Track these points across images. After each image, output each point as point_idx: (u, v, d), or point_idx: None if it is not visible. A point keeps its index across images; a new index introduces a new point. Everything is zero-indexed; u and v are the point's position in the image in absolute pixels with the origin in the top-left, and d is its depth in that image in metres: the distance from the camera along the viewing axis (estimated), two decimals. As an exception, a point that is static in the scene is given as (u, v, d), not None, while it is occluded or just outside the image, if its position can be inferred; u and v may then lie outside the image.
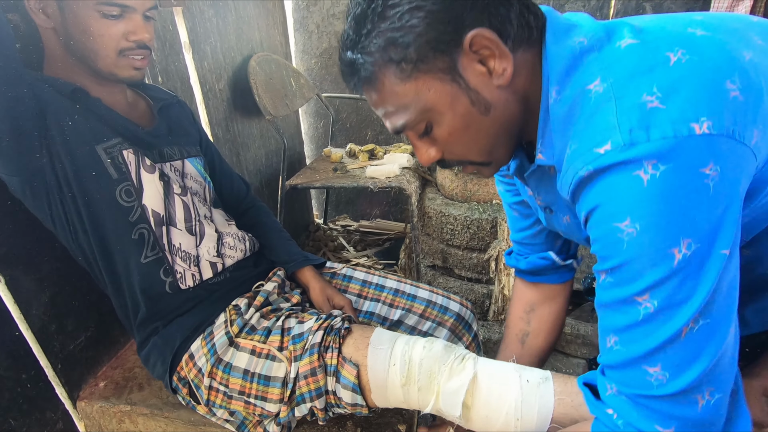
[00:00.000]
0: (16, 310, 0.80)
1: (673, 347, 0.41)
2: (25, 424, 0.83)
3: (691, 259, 0.40)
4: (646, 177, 0.40)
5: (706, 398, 0.42)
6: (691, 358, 0.41)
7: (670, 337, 0.41)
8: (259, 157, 1.82)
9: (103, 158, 0.75)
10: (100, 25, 0.71)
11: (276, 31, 1.98)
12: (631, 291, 0.43)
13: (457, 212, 1.60)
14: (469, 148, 0.54)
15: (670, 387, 0.42)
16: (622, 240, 0.42)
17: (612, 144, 0.41)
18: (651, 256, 0.41)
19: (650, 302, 0.42)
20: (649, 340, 0.42)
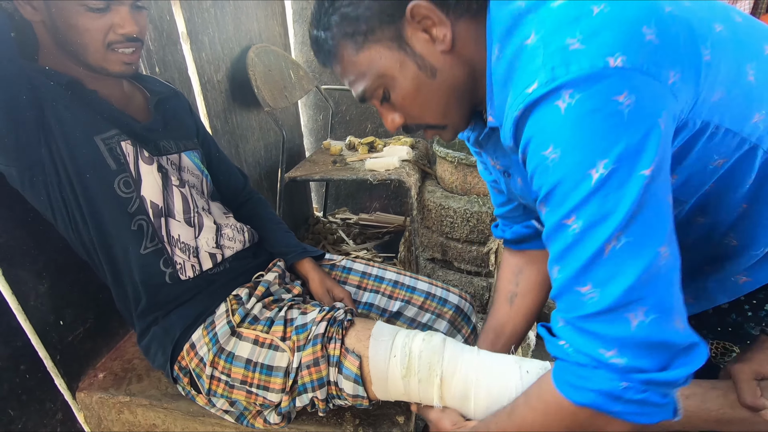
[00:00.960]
0: (14, 302, 0.79)
1: (598, 264, 0.43)
2: (24, 414, 0.83)
3: (608, 179, 0.42)
4: (563, 105, 0.43)
5: (639, 318, 0.42)
6: (616, 273, 0.42)
7: (594, 254, 0.43)
8: (258, 149, 1.81)
9: (102, 149, 0.74)
10: (86, 19, 0.69)
11: (275, 22, 1.96)
12: (560, 214, 0.45)
13: (456, 205, 1.60)
14: (424, 110, 0.59)
15: (599, 303, 0.43)
16: (548, 167, 0.45)
17: (538, 82, 0.44)
18: (572, 179, 0.43)
19: (576, 223, 0.44)
20: (578, 260, 0.44)
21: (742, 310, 0.64)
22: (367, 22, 0.53)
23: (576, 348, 0.47)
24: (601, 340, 0.44)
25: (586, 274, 0.44)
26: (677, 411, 0.45)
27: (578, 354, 0.46)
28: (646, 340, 0.42)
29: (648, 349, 0.43)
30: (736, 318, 0.65)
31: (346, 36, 0.55)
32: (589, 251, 0.43)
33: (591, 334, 0.45)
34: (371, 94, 0.59)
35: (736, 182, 0.53)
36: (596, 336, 0.44)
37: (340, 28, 0.55)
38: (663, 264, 0.43)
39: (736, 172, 0.52)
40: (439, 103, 0.59)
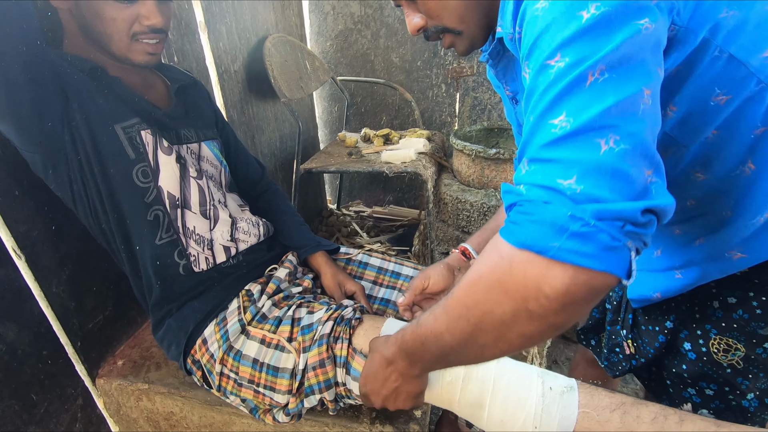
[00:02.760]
0: (36, 288, 0.81)
1: (577, 94, 0.39)
2: (46, 399, 0.84)
3: (600, 18, 0.39)
4: None
5: (610, 144, 0.38)
6: (594, 99, 0.38)
7: (574, 81, 0.39)
8: (274, 140, 1.81)
9: (122, 138, 0.74)
10: (113, 9, 0.70)
11: (291, 12, 1.95)
12: (543, 57, 0.41)
13: (473, 198, 1.57)
14: (441, 11, 0.59)
15: (570, 127, 0.39)
16: (537, 17, 0.42)
17: None
18: (560, 21, 0.41)
19: (561, 60, 0.40)
20: (555, 91, 0.40)
21: (750, 307, 0.60)
22: None
23: (531, 183, 0.41)
24: (563, 165, 0.39)
25: (562, 102, 0.40)
26: (630, 271, 0.38)
27: (532, 189, 0.41)
28: (610, 168, 0.37)
29: (610, 178, 0.37)
30: (742, 314, 0.61)
31: None
32: (568, 80, 0.39)
33: (553, 161, 0.40)
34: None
35: (740, 130, 0.48)
36: (558, 162, 0.39)
37: None
38: (644, 106, 0.39)
39: (741, 116, 0.47)
40: (457, 4, 0.58)
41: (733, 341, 0.62)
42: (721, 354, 0.64)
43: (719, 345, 0.64)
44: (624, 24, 0.39)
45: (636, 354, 0.77)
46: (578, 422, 0.59)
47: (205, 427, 0.92)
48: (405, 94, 2.11)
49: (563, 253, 0.37)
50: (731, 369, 0.64)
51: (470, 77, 2.12)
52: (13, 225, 0.76)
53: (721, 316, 0.62)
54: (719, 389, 0.67)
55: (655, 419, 0.58)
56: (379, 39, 2.15)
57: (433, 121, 2.29)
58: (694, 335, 0.65)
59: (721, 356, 0.64)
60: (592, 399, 0.61)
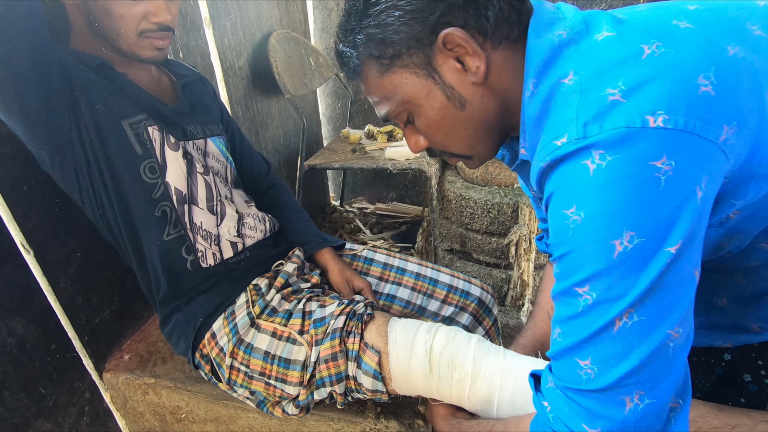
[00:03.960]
0: (45, 283, 0.81)
1: (604, 340, 0.41)
2: (54, 392, 0.85)
3: (632, 254, 0.39)
4: (592, 166, 0.39)
5: (635, 401, 0.40)
6: (621, 354, 0.40)
7: (601, 328, 0.41)
8: (278, 137, 1.81)
9: (129, 134, 0.75)
10: (120, 6, 0.70)
11: (295, 8, 1.94)
12: (573, 281, 0.43)
13: (477, 196, 1.57)
14: (449, 140, 0.57)
15: (597, 382, 0.41)
16: (568, 227, 0.42)
17: (568, 136, 0.41)
18: (592, 247, 0.40)
19: (589, 294, 0.41)
20: (583, 331, 0.42)
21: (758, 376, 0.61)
22: (394, 46, 0.50)
23: (558, 416, 0.45)
24: (589, 415, 0.42)
25: (589, 347, 0.42)
26: None
27: (558, 423, 0.45)
28: (633, 425, 0.41)
29: None
30: None
31: (371, 57, 0.52)
32: (596, 325, 0.41)
33: (580, 407, 0.43)
34: (395, 117, 0.57)
35: None
36: (585, 410, 0.43)
37: (366, 48, 0.52)
38: (672, 346, 0.40)
39: None
40: (466, 134, 0.55)
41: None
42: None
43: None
44: (656, 256, 0.39)
45: None
46: None
47: (211, 422, 0.93)
48: (409, 91, 2.10)
49: None
50: None
51: (474, 74, 2.12)
52: (22, 220, 0.77)
53: None
54: None
55: None
56: (383, 35, 2.15)
57: (436, 118, 2.28)
58: (754, 365, 0.63)
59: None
60: None
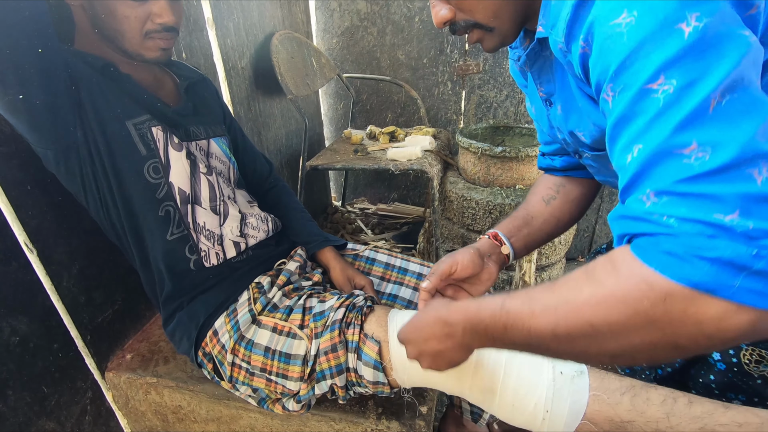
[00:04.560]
0: (47, 282, 0.81)
1: (703, 122, 0.35)
2: (56, 392, 0.85)
3: (704, 32, 0.35)
4: None
5: (764, 174, 0.34)
6: (728, 130, 0.34)
7: (696, 109, 0.35)
8: (280, 137, 1.81)
9: (133, 134, 0.75)
10: (126, 7, 0.70)
11: (298, 8, 1.95)
12: (642, 80, 0.37)
13: (479, 196, 1.57)
14: (474, 4, 0.55)
15: (715, 160, 0.34)
16: (621, 33, 0.37)
17: None
18: (656, 37, 0.36)
19: (668, 84, 0.36)
20: (675, 119, 0.36)
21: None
22: None
23: (680, 216, 0.36)
24: (719, 201, 0.34)
25: (689, 132, 0.35)
26: None
27: (685, 223, 0.35)
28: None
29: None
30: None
31: None
32: (688, 108, 0.35)
33: (702, 196, 0.35)
34: None
35: None
36: (710, 198, 0.35)
37: None
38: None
39: None
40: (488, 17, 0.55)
41: (767, 352, 0.61)
42: (753, 365, 0.63)
43: (751, 356, 0.62)
44: (732, 36, 0.35)
45: (662, 363, 0.76)
46: (589, 405, 0.60)
47: (213, 421, 0.93)
48: (411, 92, 2.11)
49: (743, 294, 0.34)
50: (762, 380, 0.63)
51: (476, 75, 2.12)
52: (26, 219, 0.77)
53: None
54: (748, 400, 0.66)
55: (665, 401, 0.58)
56: (385, 36, 2.15)
57: (438, 118, 2.28)
58: None
59: (752, 367, 0.63)
60: (603, 382, 0.62)
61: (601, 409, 0.60)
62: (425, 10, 2.05)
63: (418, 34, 2.10)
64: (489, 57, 2.06)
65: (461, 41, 2.07)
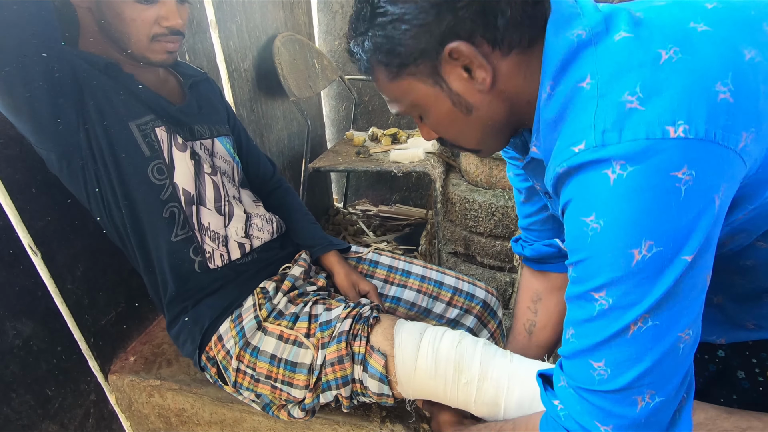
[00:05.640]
0: (51, 284, 0.81)
1: (618, 344, 0.43)
2: (60, 394, 0.85)
3: (650, 262, 0.40)
4: (613, 176, 0.40)
5: (646, 400, 0.42)
6: (635, 357, 0.42)
7: (617, 333, 0.42)
8: (282, 139, 1.81)
9: (136, 135, 0.75)
10: (133, 10, 0.70)
11: (300, 10, 1.95)
12: (590, 286, 0.44)
13: (481, 199, 1.57)
14: (458, 137, 0.59)
15: (610, 384, 0.43)
16: (587, 234, 0.43)
17: (586, 144, 0.42)
18: (611, 254, 0.41)
19: (605, 299, 0.43)
20: (598, 335, 0.44)
21: None
22: (401, 57, 0.51)
23: (570, 414, 0.47)
24: (602, 414, 0.44)
25: (603, 350, 0.43)
26: None
27: (570, 421, 0.46)
28: (645, 422, 0.43)
29: (640, 428, 0.43)
30: None
31: (380, 63, 0.53)
32: (611, 329, 0.42)
33: (593, 406, 0.45)
34: (406, 114, 0.59)
35: None
36: (598, 409, 0.44)
37: (374, 54, 0.53)
38: (682, 347, 0.42)
39: None
40: (475, 135, 0.57)
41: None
42: None
43: None
44: (673, 263, 0.40)
45: None
46: None
47: (216, 424, 0.93)
48: (413, 94, 2.10)
49: None
50: None
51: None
52: (30, 222, 0.77)
53: None
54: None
55: None
56: (387, 38, 2.15)
57: (440, 120, 2.29)
58: (748, 363, 0.64)
59: None
60: None
61: None
62: (427, 12, 2.05)
63: (420, 35, 2.10)
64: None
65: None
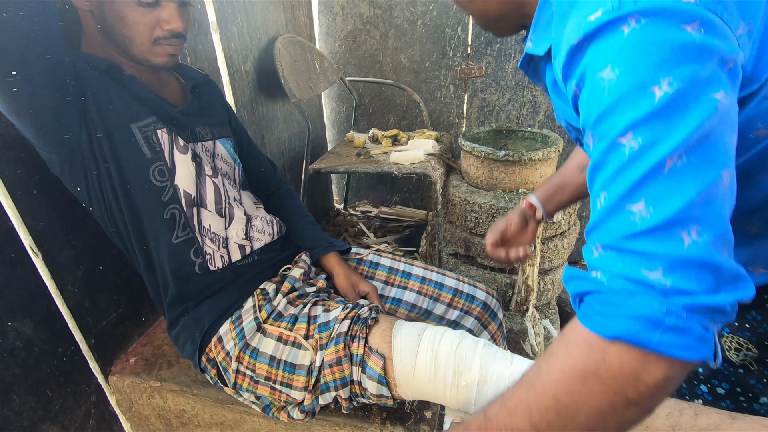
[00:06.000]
0: (53, 286, 0.81)
1: (656, 180, 0.39)
2: (60, 396, 0.85)
3: (674, 97, 0.38)
4: (627, 29, 0.40)
5: (693, 237, 0.38)
6: (675, 190, 0.39)
7: (652, 169, 0.39)
8: (283, 140, 1.82)
9: (138, 137, 0.75)
10: (136, 13, 0.71)
11: (301, 12, 1.95)
12: (615, 133, 0.41)
13: (482, 200, 1.57)
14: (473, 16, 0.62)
15: (653, 219, 0.39)
16: (603, 87, 0.41)
17: (602, 10, 0.41)
18: (631, 96, 0.40)
19: (634, 140, 0.40)
20: (633, 176, 0.40)
21: (764, 309, 0.61)
22: None
23: (613, 273, 0.41)
24: (647, 258, 0.39)
25: (641, 189, 0.39)
26: (718, 353, 0.40)
27: (614, 279, 0.41)
28: (696, 260, 0.38)
29: (697, 270, 0.38)
30: (755, 315, 0.62)
31: None
32: (646, 166, 0.39)
33: (636, 253, 0.40)
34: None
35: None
36: (642, 255, 0.39)
37: None
38: (722, 190, 0.39)
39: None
40: (481, 18, 0.61)
41: (744, 341, 0.64)
42: (732, 352, 0.66)
43: (731, 343, 0.66)
44: (700, 100, 0.38)
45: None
46: None
47: (216, 425, 0.93)
48: (413, 95, 2.11)
49: (662, 347, 0.38)
50: (744, 370, 0.66)
51: (478, 78, 2.12)
52: (31, 223, 0.77)
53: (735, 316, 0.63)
54: (731, 389, 0.68)
55: (670, 414, 0.58)
56: (387, 40, 2.15)
57: (441, 122, 2.29)
58: None
59: (732, 354, 0.66)
60: None
61: None
62: (428, 14, 2.05)
63: (421, 37, 2.11)
64: (491, 60, 2.07)
65: (463, 45, 2.07)
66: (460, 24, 2.04)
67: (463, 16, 2.02)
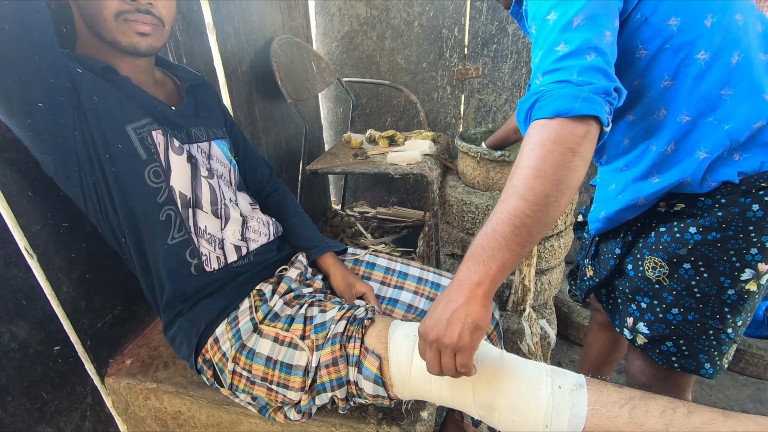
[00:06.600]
0: (48, 287, 0.81)
1: (569, 31, 0.63)
2: (56, 397, 0.85)
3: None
4: None
5: (592, 57, 0.62)
6: (579, 35, 0.63)
7: (565, 25, 0.64)
8: (279, 141, 1.81)
9: (133, 138, 0.75)
10: None
11: (297, 13, 1.95)
12: (543, 14, 0.66)
13: (478, 201, 1.58)
14: None
15: (569, 50, 0.63)
16: None
17: None
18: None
19: (555, 14, 0.65)
20: (555, 32, 0.64)
21: (672, 232, 0.77)
22: None
23: (549, 82, 0.63)
24: (568, 69, 0.62)
25: (560, 37, 0.64)
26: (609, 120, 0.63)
27: (550, 85, 0.63)
28: (594, 67, 0.62)
29: (595, 72, 0.62)
30: (667, 238, 0.78)
31: None
32: (561, 25, 0.64)
33: (562, 68, 0.63)
34: None
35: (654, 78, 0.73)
36: (565, 68, 0.63)
37: None
38: (606, 39, 0.64)
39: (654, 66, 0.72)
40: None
41: (659, 260, 0.80)
42: (649, 271, 0.82)
43: (649, 263, 0.82)
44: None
45: (594, 276, 0.99)
46: (588, 419, 0.60)
47: (213, 427, 0.93)
48: (410, 96, 2.11)
49: (581, 110, 0.60)
50: (659, 284, 0.81)
51: (475, 79, 2.13)
52: (26, 225, 0.77)
53: (653, 241, 0.81)
54: (650, 302, 0.83)
55: (664, 413, 0.58)
56: (384, 40, 2.16)
57: (437, 122, 2.29)
58: (635, 258, 0.85)
59: (649, 273, 0.82)
60: (601, 395, 0.62)
61: (600, 423, 0.60)
62: (424, 14, 2.06)
63: (418, 38, 2.11)
64: (488, 61, 2.07)
65: (460, 46, 2.08)
66: (456, 25, 2.04)
67: (460, 17, 2.02)
